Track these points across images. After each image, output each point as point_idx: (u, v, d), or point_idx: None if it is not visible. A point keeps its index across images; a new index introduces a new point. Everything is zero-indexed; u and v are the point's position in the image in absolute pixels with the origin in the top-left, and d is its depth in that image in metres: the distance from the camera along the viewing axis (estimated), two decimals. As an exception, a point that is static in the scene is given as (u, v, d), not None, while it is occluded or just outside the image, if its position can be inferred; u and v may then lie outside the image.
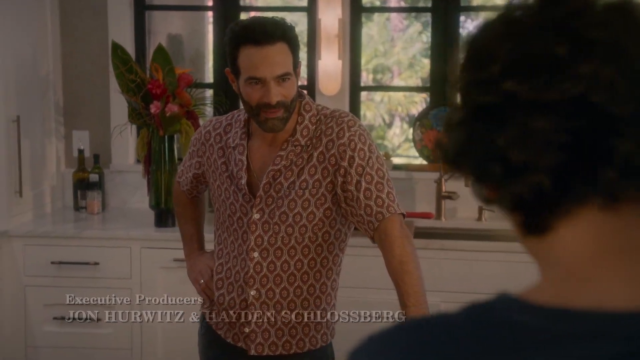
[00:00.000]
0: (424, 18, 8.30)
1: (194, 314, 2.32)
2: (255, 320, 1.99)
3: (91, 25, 3.67)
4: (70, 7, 3.66)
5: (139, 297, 3.12)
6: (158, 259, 3.12)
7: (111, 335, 3.17)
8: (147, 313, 3.10)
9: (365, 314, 2.31)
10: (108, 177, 3.69)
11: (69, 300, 2.76)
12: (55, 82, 3.63)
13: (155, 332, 3.15)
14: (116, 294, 3.14)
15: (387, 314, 2.24)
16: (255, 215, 1.96)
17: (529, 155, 0.61)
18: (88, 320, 3.15)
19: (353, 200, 1.89)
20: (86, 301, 3.14)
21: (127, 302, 3.13)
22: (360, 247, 2.57)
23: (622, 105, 0.59)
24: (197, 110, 3.28)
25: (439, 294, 2.84)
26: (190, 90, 3.25)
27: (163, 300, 3.10)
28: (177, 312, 3.10)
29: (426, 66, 6.62)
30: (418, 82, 8.80)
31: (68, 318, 3.16)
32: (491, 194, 0.66)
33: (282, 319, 1.99)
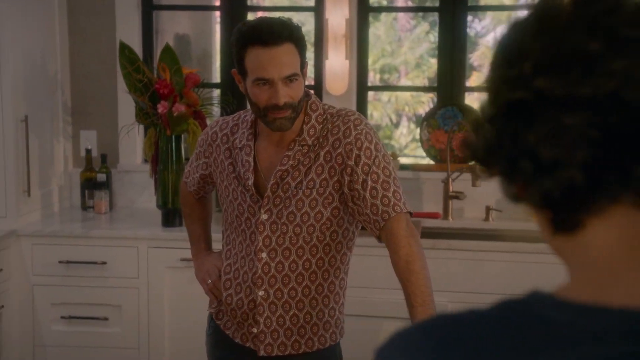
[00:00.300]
0: (431, 18, 8.28)
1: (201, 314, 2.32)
2: (263, 320, 1.99)
3: (99, 25, 3.68)
4: (78, 7, 3.67)
5: (147, 296, 3.13)
6: (165, 259, 3.12)
7: (118, 335, 3.18)
8: (154, 312, 3.11)
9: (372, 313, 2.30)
10: (115, 177, 3.70)
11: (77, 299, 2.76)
12: (63, 82, 3.64)
13: (163, 332, 3.16)
14: (123, 294, 3.15)
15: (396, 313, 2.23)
16: (263, 216, 1.96)
17: (560, 151, 0.61)
18: (95, 319, 3.17)
19: (359, 199, 1.89)
20: (94, 300, 3.16)
21: (134, 301, 3.14)
22: (367, 246, 2.57)
23: None
24: (204, 110, 3.28)
25: (446, 294, 2.84)
26: (197, 90, 3.26)
27: (170, 299, 3.11)
28: (184, 311, 3.11)
29: (433, 66, 6.62)
30: (425, 82, 8.79)
31: (76, 317, 3.17)
32: (520, 191, 0.66)
33: (291, 319, 1.99)
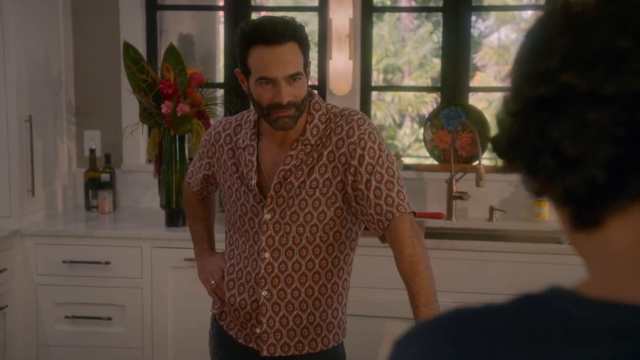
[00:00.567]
0: (434, 18, 8.28)
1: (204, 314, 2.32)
2: (266, 320, 1.99)
3: (103, 25, 3.68)
4: (82, 7, 3.67)
5: (150, 296, 3.13)
6: (169, 259, 3.13)
7: (122, 335, 3.18)
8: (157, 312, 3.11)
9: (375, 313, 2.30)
10: (119, 177, 3.70)
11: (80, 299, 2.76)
12: (67, 82, 3.65)
13: (166, 332, 3.16)
14: (127, 294, 3.15)
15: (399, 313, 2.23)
16: (267, 216, 1.96)
17: (583, 147, 0.61)
18: (99, 319, 3.17)
19: (363, 199, 1.89)
20: (97, 300, 3.16)
21: (137, 301, 3.14)
22: (370, 247, 2.57)
23: None
24: (208, 110, 3.29)
25: (449, 294, 2.83)
26: (201, 90, 3.26)
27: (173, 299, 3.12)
28: (187, 311, 3.11)
29: (437, 66, 6.62)
30: (428, 82, 8.79)
31: (79, 317, 3.17)
32: (542, 186, 0.66)
33: (294, 320, 1.99)
